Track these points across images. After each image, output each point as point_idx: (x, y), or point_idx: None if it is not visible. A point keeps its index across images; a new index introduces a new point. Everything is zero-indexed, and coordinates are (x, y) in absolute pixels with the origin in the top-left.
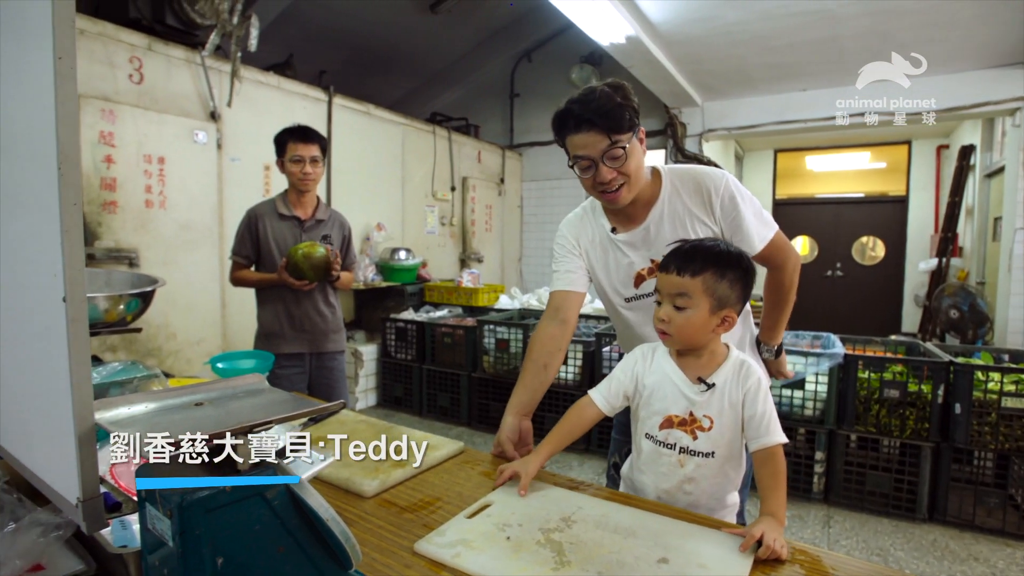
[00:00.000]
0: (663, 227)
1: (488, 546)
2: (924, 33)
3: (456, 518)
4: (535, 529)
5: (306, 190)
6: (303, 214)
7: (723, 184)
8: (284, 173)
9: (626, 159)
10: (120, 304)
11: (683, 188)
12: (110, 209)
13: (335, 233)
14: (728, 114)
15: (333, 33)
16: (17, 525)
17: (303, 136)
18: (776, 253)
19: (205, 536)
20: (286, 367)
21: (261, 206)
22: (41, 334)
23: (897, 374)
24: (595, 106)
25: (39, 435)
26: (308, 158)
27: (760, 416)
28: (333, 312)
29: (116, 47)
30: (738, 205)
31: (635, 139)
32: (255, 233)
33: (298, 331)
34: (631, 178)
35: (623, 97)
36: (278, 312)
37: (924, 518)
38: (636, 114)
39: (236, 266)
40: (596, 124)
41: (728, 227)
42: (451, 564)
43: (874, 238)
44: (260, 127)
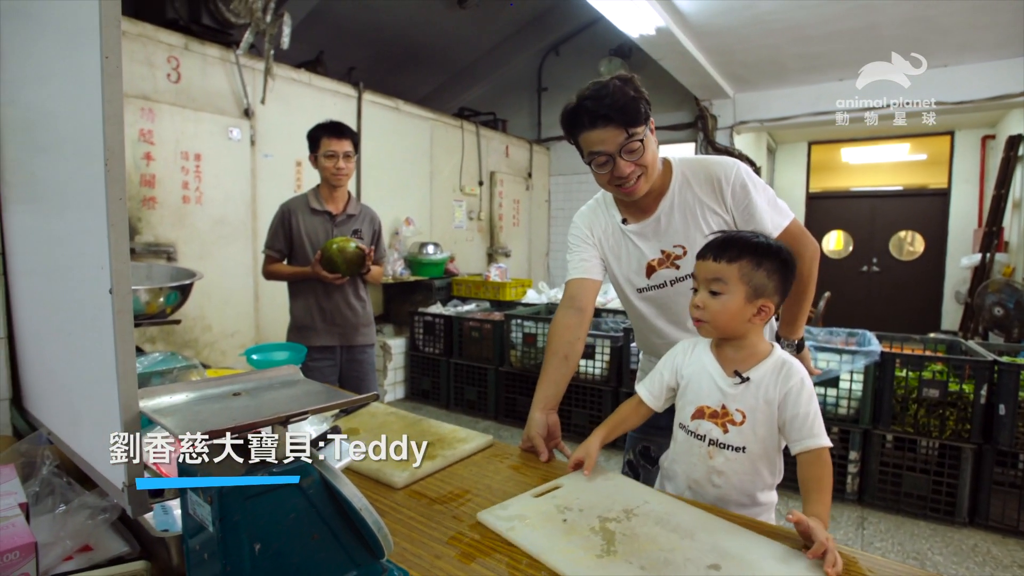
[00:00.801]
0: (673, 217)
1: (543, 524)
2: (968, 18)
3: (523, 495)
4: (594, 516)
5: (339, 185)
6: (335, 209)
7: (734, 172)
8: (316, 168)
9: (643, 151)
10: (160, 296)
11: (694, 178)
12: (149, 205)
13: (366, 228)
14: (760, 106)
15: (362, 30)
16: (67, 508)
17: (336, 131)
18: (792, 242)
19: (243, 522)
20: (317, 359)
21: (294, 201)
22: (88, 325)
23: (937, 373)
24: (610, 101)
25: (87, 422)
26: (341, 153)
27: (803, 417)
28: (363, 306)
29: (155, 47)
30: (750, 193)
31: (647, 130)
32: (288, 227)
33: (329, 324)
34: (648, 169)
35: (635, 89)
36: (310, 306)
37: (964, 522)
38: (648, 105)
39: (269, 260)
40: (612, 119)
41: (740, 215)
42: (505, 536)
43: (913, 232)
44: (292, 124)
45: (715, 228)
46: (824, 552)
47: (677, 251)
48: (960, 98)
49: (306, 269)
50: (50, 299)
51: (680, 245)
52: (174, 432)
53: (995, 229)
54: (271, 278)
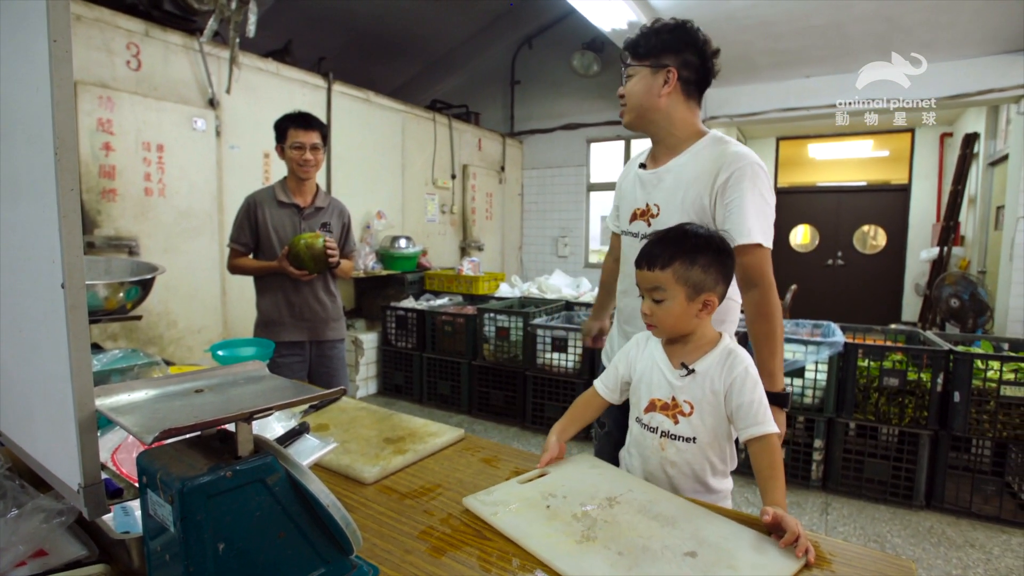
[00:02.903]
0: (667, 177)
1: (526, 511)
2: (930, 18)
3: (509, 482)
4: (576, 503)
5: (306, 177)
6: (302, 201)
7: (738, 166)
8: (284, 159)
9: (629, 83)
10: (120, 292)
11: (707, 156)
12: (109, 197)
13: (334, 221)
14: (730, 101)
15: (333, 18)
16: (20, 511)
17: (304, 123)
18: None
19: (206, 522)
20: (286, 355)
21: (260, 193)
22: (40, 321)
23: (897, 362)
24: (640, 29)
25: (40, 422)
26: (308, 145)
27: (748, 405)
28: (333, 301)
29: (113, 33)
30: (740, 191)
31: (648, 70)
32: (254, 220)
33: (298, 319)
34: (628, 103)
35: (658, 29)
36: (278, 300)
37: (921, 505)
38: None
39: (234, 253)
40: (627, 45)
41: (720, 209)
42: (488, 520)
43: (876, 227)
44: (259, 114)
45: (692, 208)
46: (796, 539)
47: (654, 209)
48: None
49: (273, 264)
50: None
51: (658, 204)
52: (132, 431)
53: (952, 224)
54: (236, 272)
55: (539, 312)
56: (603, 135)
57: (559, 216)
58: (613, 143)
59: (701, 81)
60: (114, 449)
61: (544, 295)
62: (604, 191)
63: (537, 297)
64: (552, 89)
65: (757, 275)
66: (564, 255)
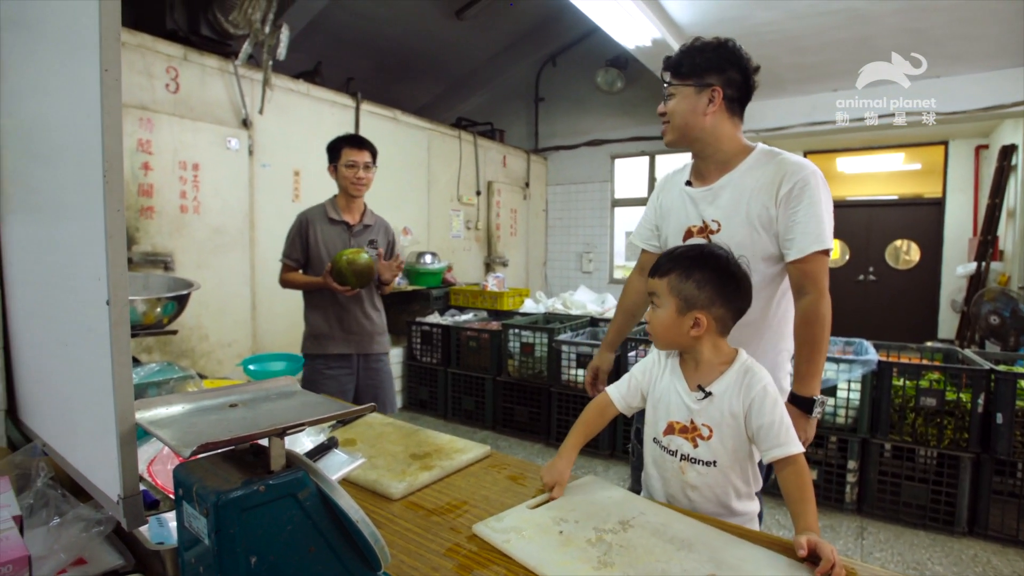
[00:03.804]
0: (724, 193)
1: (539, 537)
2: (960, 29)
3: (518, 507)
4: (590, 528)
5: (357, 195)
6: (352, 219)
7: (801, 175)
8: (335, 178)
9: (671, 101)
10: (157, 307)
11: (763, 167)
12: (147, 214)
13: (381, 238)
14: (755, 116)
15: (360, 40)
16: (61, 520)
17: (357, 143)
18: (800, 279)
19: (239, 535)
20: (335, 368)
21: (311, 211)
22: (85, 336)
23: (934, 382)
24: (681, 48)
25: (83, 433)
26: (361, 163)
27: (769, 426)
28: (379, 315)
29: (154, 58)
30: (809, 199)
31: (692, 89)
32: (306, 237)
33: (346, 333)
34: (671, 121)
35: (707, 48)
36: (327, 315)
37: (964, 532)
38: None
39: (285, 268)
40: (666, 62)
41: (785, 218)
42: (500, 548)
43: (908, 241)
44: (290, 133)
45: (757, 220)
46: (831, 567)
47: (713, 225)
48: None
49: (318, 280)
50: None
51: (717, 221)
52: (171, 444)
53: (990, 238)
54: (286, 286)
55: (564, 328)
56: (627, 151)
57: (584, 232)
58: (637, 159)
59: (744, 98)
60: (150, 461)
61: (569, 311)
62: (628, 207)
63: (562, 313)
64: (576, 106)
65: (813, 281)
66: (589, 271)
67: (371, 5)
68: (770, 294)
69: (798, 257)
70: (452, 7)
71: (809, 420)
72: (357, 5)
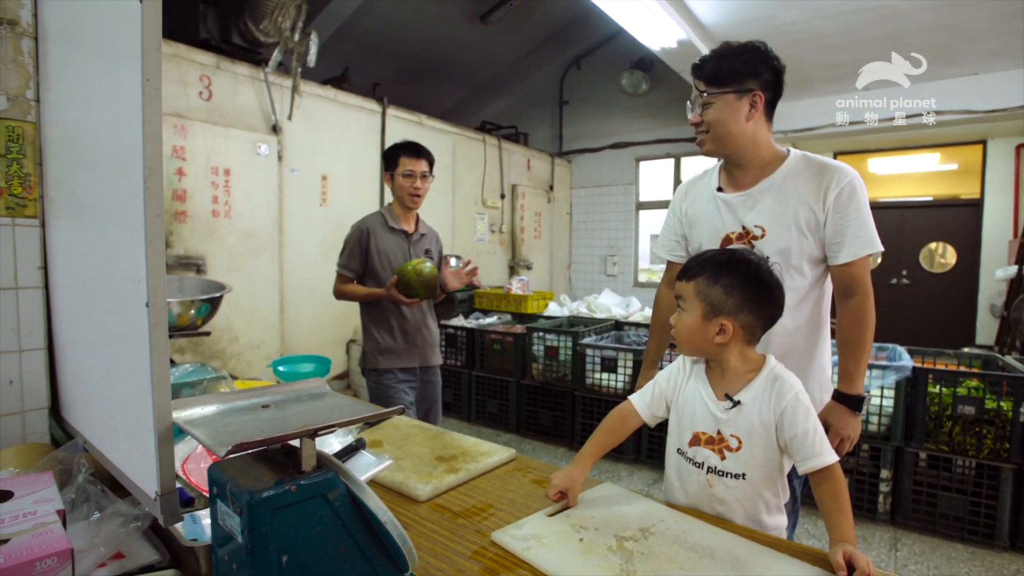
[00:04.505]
0: (766, 198)
1: (559, 544)
2: (997, 24)
3: (537, 515)
4: (610, 535)
5: (414, 207)
6: (409, 228)
7: (847, 179)
8: (391, 186)
9: (710, 110)
10: (192, 309)
11: (806, 170)
12: (180, 219)
13: (434, 247)
14: (784, 116)
15: (386, 46)
16: (101, 515)
17: (415, 151)
18: (847, 281)
19: (271, 533)
20: (403, 381)
21: (369, 220)
22: (124, 337)
23: (972, 389)
24: (712, 54)
25: (121, 431)
26: (419, 173)
27: (803, 436)
28: (436, 326)
29: (188, 66)
30: (857, 203)
31: (732, 96)
32: (366, 247)
33: (411, 345)
34: (712, 130)
35: (737, 53)
36: (392, 328)
37: (1005, 546)
38: (748, 75)
39: (342, 279)
40: (698, 70)
41: (836, 221)
42: (520, 556)
43: (944, 244)
44: (318, 139)
45: (804, 224)
46: None
47: (757, 231)
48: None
49: (380, 291)
50: (88, 311)
51: (761, 226)
52: (206, 443)
53: None
54: (342, 297)
55: (588, 331)
56: (652, 153)
57: (608, 235)
58: (662, 161)
59: (776, 99)
60: (184, 459)
61: (593, 314)
62: (653, 209)
63: (586, 316)
64: (600, 108)
65: (860, 283)
66: (613, 274)
67: (397, 11)
68: (818, 295)
69: (849, 260)
70: (477, 12)
71: (857, 417)
72: (383, 12)
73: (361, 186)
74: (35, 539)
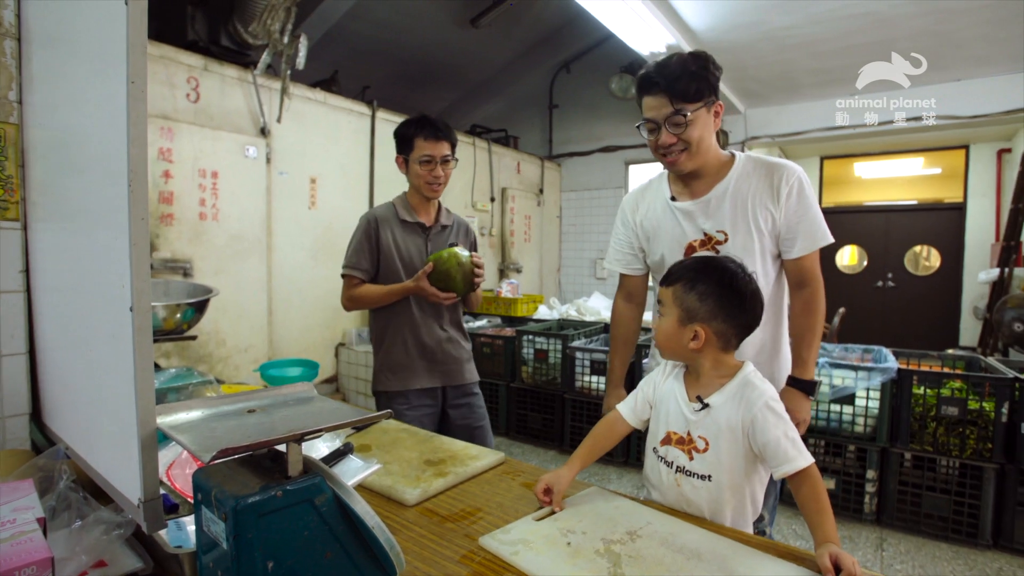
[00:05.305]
0: (724, 203)
1: (547, 548)
2: (983, 31)
3: (524, 519)
4: (597, 538)
5: (433, 196)
6: (427, 220)
7: (795, 177)
8: (405, 173)
9: (687, 127)
10: (177, 313)
11: (755, 172)
12: (167, 221)
13: (461, 240)
14: (772, 121)
15: (376, 49)
16: (83, 523)
17: (433, 132)
18: (799, 273)
19: (257, 539)
20: (417, 406)
21: (378, 211)
22: (108, 341)
23: (956, 390)
24: (667, 72)
25: (104, 437)
26: (439, 158)
27: (775, 443)
28: (464, 336)
29: (176, 68)
30: (807, 199)
31: (704, 110)
32: (375, 242)
33: (430, 362)
34: (691, 146)
35: (699, 67)
36: (406, 340)
37: (988, 544)
38: (710, 87)
39: (350, 283)
40: (663, 90)
41: (789, 217)
42: (508, 560)
43: (928, 247)
44: (307, 142)
45: (763, 224)
46: None
47: (719, 236)
48: (975, 112)
49: (408, 285)
50: (71, 315)
51: (723, 231)
52: (191, 449)
53: (1013, 243)
54: (354, 305)
55: (578, 335)
56: (641, 157)
57: (597, 238)
58: (652, 164)
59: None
60: (169, 465)
61: (583, 317)
62: None
63: (576, 319)
64: (590, 112)
65: (812, 275)
66: (603, 277)
67: (387, 14)
68: (778, 291)
69: (803, 254)
70: (467, 15)
71: (809, 401)
72: (373, 14)
73: (350, 189)
74: (14, 548)
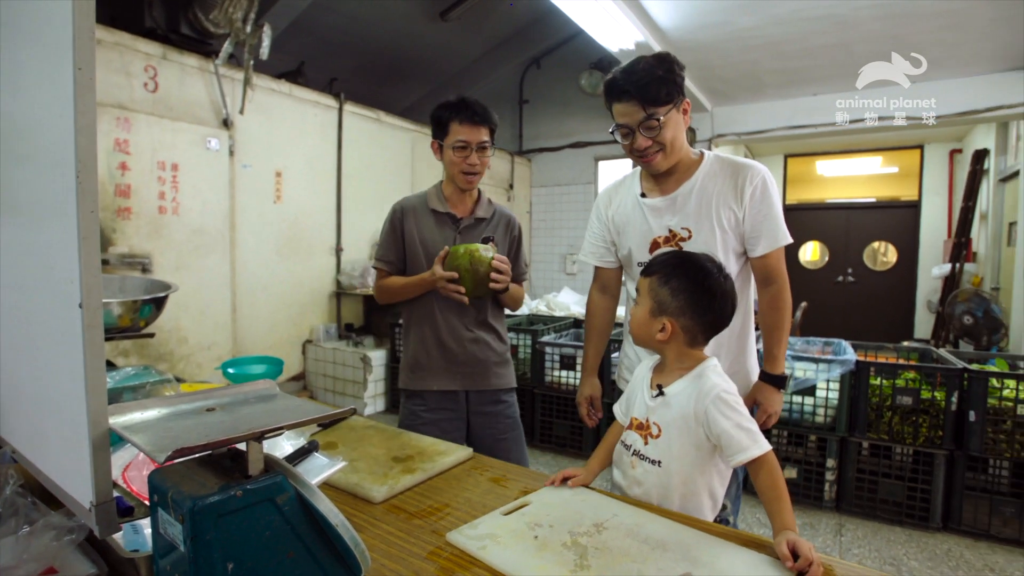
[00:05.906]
0: (690, 201)
1: (514, 543)
2: (937, 36)
3: (492, 514)
4: (564, 531)
5: (468, 187)
6: (461, 211)
7: (759, 177)
8: (440, 159)
9: (661, 129)
10: (134, 310)
11: (721, 171)
12: (124, 215)
13: (500, 234)
14: (738, 119)
15: (344, 41)
16: (31, 529)
17: (470, 116)
18: (765, 271)
19: (216, 541)
20: (435, 409)
21: (409, 200)
22: (57, 339)
23: (910, 381)
24: (636, 78)
25: (54, 439)
26: (475, 144)
27: (727, 433)
28: (497, 337)
29: (132, 56)
30: (769, 199)
31: (674, 111)
32: (400, 232)
33: (450, 362)
34: (667, 146)
35: (666, 70)
36: (425, 337)
37: (938, 527)
38: (678, 88)
39: (380, 275)
40: (634, 96)
41: (753, 217)
42: (476, 555)
43: (886, 243)
44: (272, 134)
45: (726, 222)
46: (809, 564)
47: (683, 232)
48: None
49: (424, 276)
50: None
51: (687, 228)
52: (145, 450)
53: (964, 240)
54: (384, 297)
55: (547, 330)
56: (611, 153)
57: (567, 234)
58: (621, 161)
59: None
60: (125, 466)
61: (553, 312)
62: None
63: (545, 314)
64: (560, 108)
65: (777, 272)
66: (572, 272)
67: (355, 6)
68: (742, 286)
69: (766, 252)
70: (436, 9)
71: (780, 394)
72: (340, 5)
73: (317, 183)
74: None
